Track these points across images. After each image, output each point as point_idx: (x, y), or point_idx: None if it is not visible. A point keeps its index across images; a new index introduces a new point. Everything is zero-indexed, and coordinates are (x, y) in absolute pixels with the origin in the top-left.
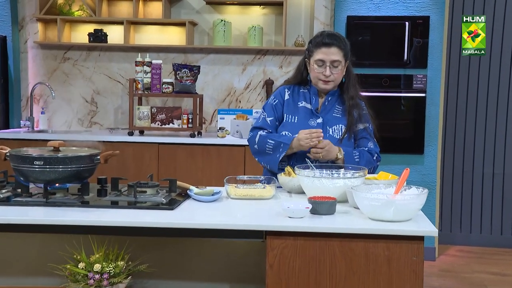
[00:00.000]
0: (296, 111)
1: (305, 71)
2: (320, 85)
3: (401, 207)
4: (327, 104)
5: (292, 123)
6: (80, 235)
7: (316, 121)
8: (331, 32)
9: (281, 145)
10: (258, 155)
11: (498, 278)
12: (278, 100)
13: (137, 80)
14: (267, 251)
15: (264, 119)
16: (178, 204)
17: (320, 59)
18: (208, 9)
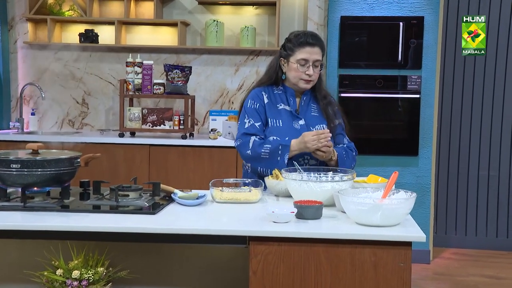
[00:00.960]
0: (278, 114)
1: (279, 71)
2: (301, 84)
3: (388, 211)
4: (303, 104)
5: (278, 127)
6: (59, 241)
7: (299, 123)
8: (313, 32)
9: (279, 148)
10: (253, 161)
11: (493, 281)
12: (259, 104)
13: (128, 81)
14: (250, 257)
15: (253, 125)
16: (160, 208)
17: (304, 58)
18: (200, 9)
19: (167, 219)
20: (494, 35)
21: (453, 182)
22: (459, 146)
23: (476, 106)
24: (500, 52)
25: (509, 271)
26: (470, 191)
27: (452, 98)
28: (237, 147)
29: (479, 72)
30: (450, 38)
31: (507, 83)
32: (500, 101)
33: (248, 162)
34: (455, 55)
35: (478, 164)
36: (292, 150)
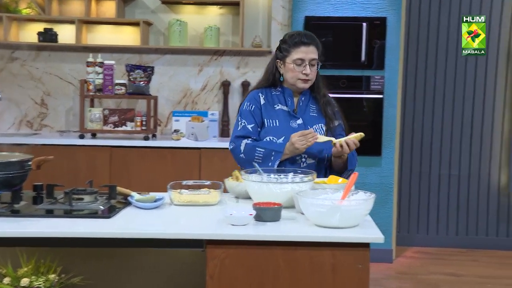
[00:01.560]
0: (275, 114)
1: (277, 72)
2: (299, 84)
3: (347, 213)
4: (302, 104)
5: (274, 127)
6: (6, 248)
7: (297, 123)
8: (308, 32)
9: (272, 153)
10: (246, 164)
11: (452, 278)
12: (255, 106)
13: (88, 81)
14: (207, 261)
15: (245, 127)
16: (116, 211)
17: (299, 58)
18: (163, 9)
19: (122, 223)
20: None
21: (415, 181)
22: (421, 146)
23: (437, 107)
24: (460, 51)
25: (468, 268)
26: (431, 191)
27: (415, 98)
28: (231, 151)
29: (441, 72)
30: (412, 39)
31: (467, 84)
32: (461, 101)
33: (242, 166)
34: (417, 55)
35: (439, 163)
36: (285, 154)
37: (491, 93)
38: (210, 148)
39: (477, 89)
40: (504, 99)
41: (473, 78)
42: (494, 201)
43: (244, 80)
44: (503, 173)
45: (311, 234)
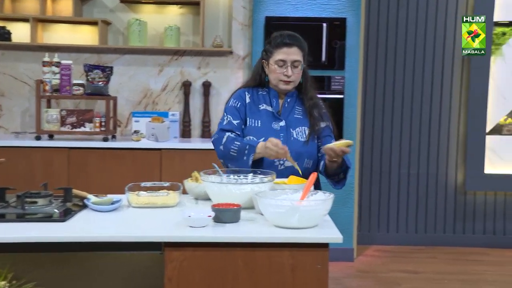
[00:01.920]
0: (258, 114)
1: (263, 73)
2: (281, 85)
3: (306, 213)
4: (287, 106)
5: (256, 127)
6: None
7: (279, 124)
8: (290, 32)
9: (246, 147)
10: (224, 158)
11: (411, 276)
12: (241, 103)
13: (44, 81)
14: (165, 263)
15: (230, 122)
16: (72, 215)
17: (281, 59)
18: (122, 8)
19: (78, 226)
20: (411, 36)
21: (375, 181)
22: (381, 146)
23: (396, 107)
24: (418, 54)
25: (427, 265)
26: (391, 190)
27: (374, 98)
28: (212, 142)
29: (399, 72)
30: (372, 39)
31: (425, 84)
32: (419, 102)
33: (220, 159)
34: (376, 55)
35: (399, 163)
36: (258, 152)
37: (447, 94)
38: (170, 149)
39: (434, 90)
40: (460, 100)
41: (431, 78)
42: (451, 200)
43: (205, 80)
44: (459, 172)
45: (270, 235)
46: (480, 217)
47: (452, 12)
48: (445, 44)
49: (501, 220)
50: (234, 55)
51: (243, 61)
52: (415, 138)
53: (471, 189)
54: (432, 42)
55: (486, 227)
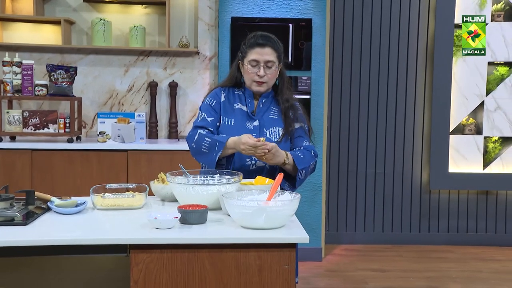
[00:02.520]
0: (232, 113)
1: (238, 73)
2: (254, 87)
3: (272, 214)
4: (262, 106)
5: (229, 126)
6: None
7: (253, 124)
8: (264, 33)
9: (216, 144)
10: (196, 155)
11: (378, 274)
12: (216, 101)
13: (5, 81)
14: (131, 266)
15: (204, 119)
16: (34, 218)
17: (254, 59)
18: (86, 7)
19: (41, 229)
20: (378, 36)
21: (343, 180)
22: (348, 145)
23: (362, 107)
24: (383, 54)
25: (393, 263)
26: (358, 189)
27: (341, 98)
28: (186, 139)
29: (365, 73)
30: (337, 40)
31: (390, 85)
32: (384, 102)
33: (193, 156)
34: (342, 56)
35: (366, 162)
36: (228, 148)
37: (412, 95)
38: (137, 150)
39: (399, 91)
40: (424, 100)
41: (395, 79)
42: (416, 199)
43: (172, 80)
44: (424, 172)
45: (237, 236)
46: (444, 215)
47: (416, 13)
48: (408, 45)
49: (464, 218)
50: (200, 55)
51: (209, 62)
52: (381, 138)
53: (435, 188)
54: (396, 43)
55: (450, 225)
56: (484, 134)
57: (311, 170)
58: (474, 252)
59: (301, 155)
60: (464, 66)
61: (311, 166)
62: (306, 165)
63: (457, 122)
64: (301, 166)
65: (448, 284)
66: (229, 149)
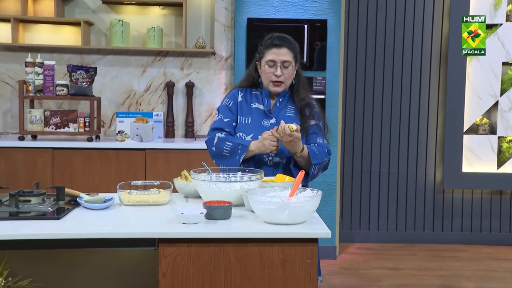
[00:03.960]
0: (249, 112)
1: (256, 74)
2: (271, 87)
3: (295, 209)
4: (279, 105)
5: (246, 124)
6: None
7: (270, 122)
8: (281, 34)
9: (239, 147)
10: (216, 158)
11: (392, 272)
12: (233, 101)
13: (27, 82)
14: (160, 259)
15: (221, 120)
16: (65, 213)
17: (271, 59)
18: (104, 9)
19: (72, 224)
20: (392, 36)
21: (357, 180)
22: (362, 145)
23: (376, 107)
24: (397, 56)
25: (407, 262)
26: (372, 188)
27: (355, 98)
28: (205, 143)
29: (379, 74)
30: (352, 41)
31: (404, 85)
32: (398, 102)
33: (213, 159)
34: (356, 56)
35: (379, 162)
36: (250, 150)
37: (425, 95)
38: (155, 149)
39: (413, 91)
40: (437, 100)
41: (409, 79)
42: (430, 198)
43: (188, 81)
44: (438, 171)
45: (261, 231)
46: (458, 215)
47: (429, 14)
48: (422, 45)
49: (477, 218)
50: (216, 56)
51: (225, 62)
52: (394, 138)
53: (449, 187)
54: (410, 43)
55: (463, 225)
56: (498, 134)
57: (323, 167)
58: (487, 252)
59: (316, 150)
60: (478, 66)
61: (324, 162)
62: (319, 161)
63: (471, 122)
64: (315, 161)
65: (462, 282)
66: (250, 152)
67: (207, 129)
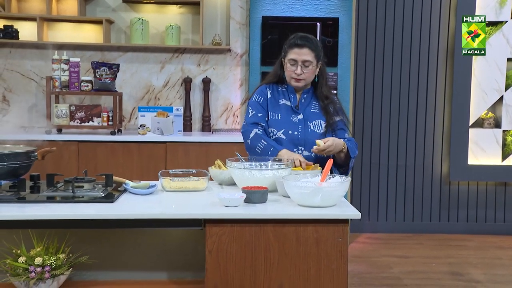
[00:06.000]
0: (278, 108)
1: (281, 70)
2: (293, 82)
3: (327, 193)
4: (304, 101)
5: (276, 120)
6: (20, 230)
7: (297, 117)
8: (304, 34)
9: (271, 149)
10: (249, 150)
11: (401, 260)
12: (263, 98)
13: (54, 78)
14: (206, 238)
15: (255, 115)
16: (116, 197)
17: (292, 58)
18: (124, 7)
19: (124, 206)
20: (402, 35)
21: (366, 171)
22: (371, 139)
23: (385, 102)
24: (405, 52)
25: (415, 250)
26: (381, 180)
27: (364, 93)
28: (242, 133)
29: (387, 69)
30: (362, 38)
31: (412, 79)
32: (406, 97)
33: (246, 150)
34: (366, 53)
35: (388, 155)
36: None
37: (433, 90)
38: (175, 142)
39: (420, 86)
40: (444, 95)
41: (417, 75)
42: (436, 190)
43: (205, 76)
44: (444, 164)
45: (297, 212)
46: (464, 206)
47: (437, 12)
48: (430, 42)
49: (483, 208)
50: (232, 52)
51: (240, 58)
52: (403, 131)
53: (455, 179)
54: (418, 41)
55: (469, 215)
56: (503, 127)
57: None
58: (492, 241)
59: (350, 145)
60: (483, 62)
61: (356, 155)
62: (355, 154)
63: (476, 116)
64: (353, 155)
65: (469, 269)
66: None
67: (223, 123)
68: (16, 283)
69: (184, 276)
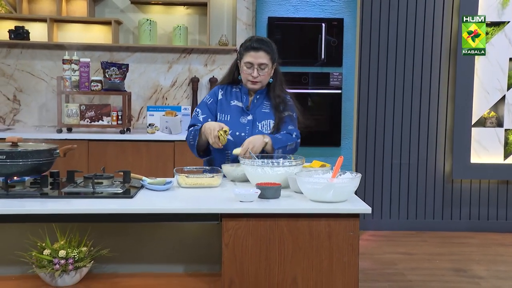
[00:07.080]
0: (228, 109)
1: (236, 72)
2: (249, 85)
3: (339, 189)
4: (256, 102)
5: (225, 121)
6: (44, 224)
7: (247, 118)
8: (260, 37)
9: (197, 133)
10: (191, 148)
11: (405, 256)
12: (213, 99)
13: (64, 78)
14: (223, 231)
15: (196, 117)
16: (134, 193)
17: (248, 61)
18: (132, 9)
19: (143, 201)
20: (405, 33)
21: (370, 170)
22: (375, 137)
23: (389, 101)
24: (409, 52)
25: (419, 248)
26: (385, 178)
27: (368, 93)
28: None
29: (391, 69)
30: (366, 38)
31: (415, 79)
32: (409, 96)
33: (192, 150)
34: (370, 53)
35: (391, 153)
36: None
37: (436, 89)
38: (183, 140)
39: (423, 86)
40: (447, 94)
41: (420, 74)
42: (439, 188)
43: (212, 76)
44: (447, 162)
45: (310, 207)
46: (466, 204)
47: (440, 12)
48: (433, 42)
49: (485, 206)
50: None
51: None
52: (406, 130)
53: (457, 177)
54: (421, 41)
55: (471, 213)
56: (505, 126)
57: (290, 150)
58: (494, 238)
59: (280, 136)
60: (486, 62)
61: (289, 146)
62: (283, 145)
63: (478, 115)
64: (277, 146)
65: (472, 265)
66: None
67: None
68: (41, 275)
69: (200, 269)
